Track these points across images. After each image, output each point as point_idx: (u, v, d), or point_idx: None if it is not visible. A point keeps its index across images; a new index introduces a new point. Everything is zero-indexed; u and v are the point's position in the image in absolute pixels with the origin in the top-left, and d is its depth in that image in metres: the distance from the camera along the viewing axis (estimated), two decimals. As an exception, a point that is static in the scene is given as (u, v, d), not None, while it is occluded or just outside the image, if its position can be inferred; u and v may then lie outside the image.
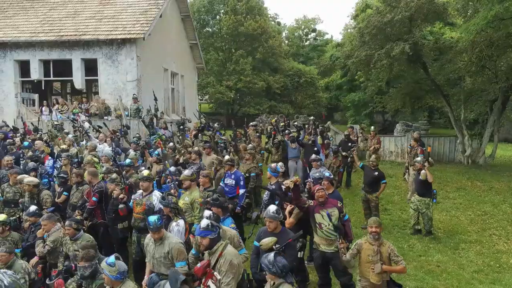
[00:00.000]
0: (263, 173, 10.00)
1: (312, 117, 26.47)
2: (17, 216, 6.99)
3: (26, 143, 9.49)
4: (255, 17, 35.28)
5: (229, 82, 33.89)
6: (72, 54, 16.56)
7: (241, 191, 7.33)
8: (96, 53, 16.49)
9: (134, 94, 15.59)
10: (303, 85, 36.95)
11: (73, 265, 4.94)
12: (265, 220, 4.79)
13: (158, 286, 3.40)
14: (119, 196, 6.08)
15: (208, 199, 5.35)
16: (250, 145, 9.95)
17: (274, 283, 3.71)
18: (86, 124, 12.01)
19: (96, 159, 8.15)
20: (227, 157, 7.81)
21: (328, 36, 55.26)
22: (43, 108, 15.95)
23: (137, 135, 11.46)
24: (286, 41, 46.82)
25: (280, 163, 7.86)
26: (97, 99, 16.04)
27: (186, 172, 5.93)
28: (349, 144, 11.92)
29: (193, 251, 4.71)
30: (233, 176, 7.43)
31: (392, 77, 15.96)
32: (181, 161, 8.78)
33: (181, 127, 12.18)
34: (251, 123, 14.71)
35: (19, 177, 7.01)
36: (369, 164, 8.94)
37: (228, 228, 4.70)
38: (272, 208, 4.75)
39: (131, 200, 5.96)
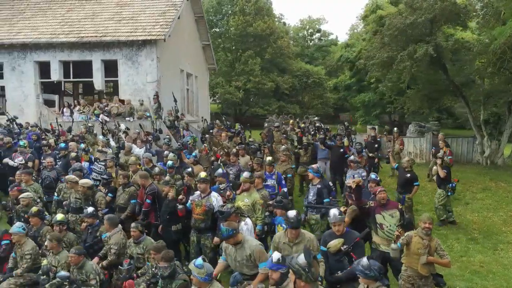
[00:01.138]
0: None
1: (316, 117, 26.58)
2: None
3: (62, 145, 9.57)
4: (264, 18, 35.40)
5: (238, 83, 34.00)
6: (92, 55, 16.64)
7: (283, 190, 7.44)
8: (116, 54, 16.57)
9: (154, 95, 15.68)
10: (311, 86, 37.08)
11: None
12: (332, 225, 4.83)
13: (291, 258, 3.46)
14: (179, 197, 6.18)
15: (270, 202, 5.45)
16: (283, 146, 10.06)
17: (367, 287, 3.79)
18: (123, 126, 12.09)
19: (139, 161, 8.25)
20: (269, 158, 7.90)
21: (333, 36, 55.44)
22: (64, 109, 16.01)
23: (167, 136, 11.54)
24: (291, 42, 46.89)
25: (316, 164, 7.97)
26: (117, 100, 16.07)
27: (245, 174, 6.03)
28: (375, 145, 12.04)
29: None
30: (274, 177, 7.54)
31: (409, 79, 16.03)
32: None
33: (211, 130, 12.26)
34: (274, 125, 14.78)
35: (67, 177, 7.11)
36: (402, 166, 9.05)
37: (306, 231, 4.79)
38: (335, 211, 4.82)
39: (189, 201, 6.05)
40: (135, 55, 16.51)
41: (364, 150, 11.40)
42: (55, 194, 7.24)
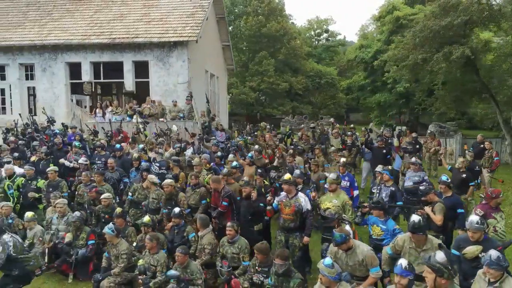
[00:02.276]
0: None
1: (332, 118, 26.62)
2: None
3: (118, 145, 9.67)
4: (277, 18, 35.55)
5: (252, 83, 34.12)
6: (123, 57, 16.75)
7: (355, 192, 7.56)
8: (147, 55, 16.68)
9: (187, 96, 15.78)
10: (323, 86, 37.22)
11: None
12: (468, 231, 4.69)
13: (428, 257, 3.58)
14: (267, 198, 6.29)
15: (365, 203, 5.57)
16: (333, 147, 10.17)
17: (497, 280, 3.88)
18: (175, 127, 12.18)
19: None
20: (342, 159, 8.02)
21: (340, 37, 55.57)
22: (97, 110, 16.10)
23: (213, 137, 11.65)
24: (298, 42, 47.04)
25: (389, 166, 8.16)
26: (149, 101, 16.16)
27: (332, 175, 6.14)
28: (417, 146, 12.15)
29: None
30: (347, 178, 7.65)
31: (437, 79, 16.19)
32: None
33: (255, 133, 12.37)
34: (311, 125, 14.88)
35: (148, 177, 7.23)
36: (457, 167, 9.17)
37: (432, 237, 4.80)
38: (475, 218, 4.69)
39: (276, 202, 6.16)
40: (166, 56, 16.62)
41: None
42: (129, 194, 7.34)
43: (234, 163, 8.18)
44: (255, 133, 12.44)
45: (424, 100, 21.72)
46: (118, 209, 6.54)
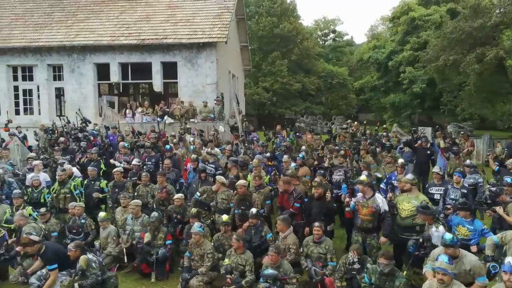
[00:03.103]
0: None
1: (349, 120, 26.76)
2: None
3: (168, 146, 9.75)
4: (289, 19, 35.63)
5: (265, 84, 34.20)
6: (152, 58, 16.83)
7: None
8: (176, 56, 16.76)
9: (217, 96, 15.88)
10: (335, 87, 37.34)
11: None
12: None
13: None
14: (345, 200, 6.39)
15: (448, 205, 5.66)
16: (378, 149, 10.26)
17: None
18: (221, 128, 12.26)
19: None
20: (400, 160, 8.11)
21: (347, 37, 55.63)
22: (127, 111, 16.17)
23: (255, 137, 11.74)
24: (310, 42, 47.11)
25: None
26: (179, 102, 16.23)
27: (409, 176, 6.25)
28: (454, 147, 12.24)
29: None
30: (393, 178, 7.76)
31: (468, 80, 16.29)
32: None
33: (298, 133, 12.47)
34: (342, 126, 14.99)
35: (217, 177, 7.33)
36: (507, 167, 9.25)
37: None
38: None
39: (353, 203, 6.25)
40: (195, 57, 16.70)
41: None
42: (197, 194, 7.41)
43: (293, 164, 8.26)
44: (298, 133, 12.48)
45: (450, 101, 21.82)
46: (194, 210, 6.62)
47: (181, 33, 16.82)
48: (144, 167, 9.62)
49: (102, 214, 6.79)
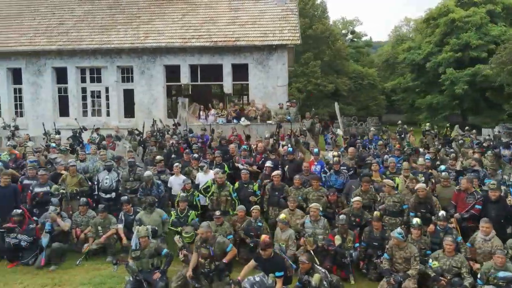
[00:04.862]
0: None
1: (400, 121, 26.83)
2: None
3: (290, 149, 9.86)
4: (320, 20, 35.76)
5: (298, 84, 34.30)
6: (223, 59, 16.91)
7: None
8: (247, 58, 16.84)
9: (293, 99, 15.98)
10: (365, 87, 37.50)
11: None
12: None
13: None
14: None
15: None
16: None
17: None
18: (340, 131, 12.35)
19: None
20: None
21: (366, 37, 55.78)
22: (201, 113, 16.24)
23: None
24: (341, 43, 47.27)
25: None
26: (254, 103, 16.30)
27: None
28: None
29: None
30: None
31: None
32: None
33: (403, 135, 12.59)
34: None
35: (387, 182, 7.45)
36: None
37: None
38: None
39: None
40: (266, 59, 16.80)
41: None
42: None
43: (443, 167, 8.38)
44: (404, 135, 12.60)
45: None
46: (377, 213, 6.74)
47: (251, 35, 16.91)
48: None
49: (281, 216, 6.88)
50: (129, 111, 18.12)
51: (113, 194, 8.75)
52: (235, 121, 15.42)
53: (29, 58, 17.45)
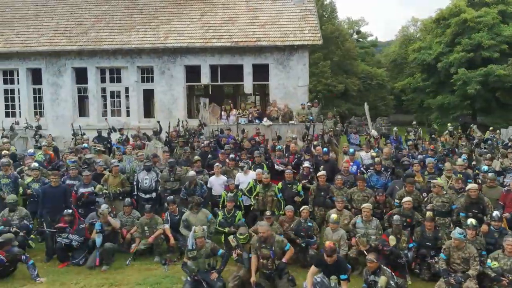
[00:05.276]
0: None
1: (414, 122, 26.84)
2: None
3: (325, 149, 9.89)
4: (330, 20, 35.79)
5: (309, 85, 34.26)
6: (243, 60, 16.92)
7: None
8: (267, 58, 16.86)
9: (315, 100, 16.01)
10: (374, 88, 37.54)
11: None
12: None
13: None
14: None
15: None
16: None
17: None
18: (374, 132, 12.34)
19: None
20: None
21: (372, 38, 55.86)
22: (223, 113, 16.25)
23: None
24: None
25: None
26: (275, 104, 16.30)
27: None
28: None
29: None
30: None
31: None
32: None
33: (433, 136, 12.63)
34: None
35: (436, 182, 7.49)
36: None
37: None
38: None
39: None
40: (286, 60, 16.81)
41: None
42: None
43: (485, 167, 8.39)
44: (434, 135, 12.63)
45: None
46: (429, 213, 6.75)
47: (272, 36, 16.90)
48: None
49: (334, 216, 6.89)
50: (148, 111, 18.15)
51: (154, 194, 8.77)
52: (257, 121, 15.44)
53: (49, 59, 17.45)
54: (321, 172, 8.18)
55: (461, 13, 28.94)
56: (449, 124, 17.19)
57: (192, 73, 17.53)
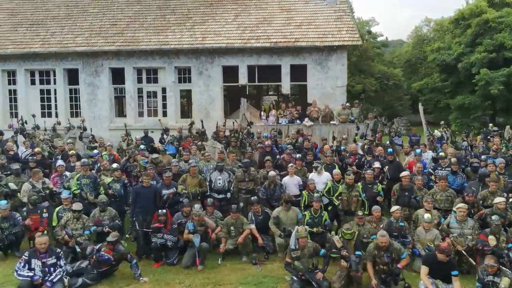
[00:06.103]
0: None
1: (442, 122, 26.84)
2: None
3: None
4: (347, 21, 35.84)
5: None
6: (281, 60, 16.96)
7: None
8: (306, 59, 16.89)
9: (356, 100, 16.06)
10: (391, 88, 37.63)
11: None
12: None
13: None
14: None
15: None
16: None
17: None
18: (437, 132, 12.38)
19: None
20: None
21: (382, 38, 55.88)
22: (262, 113, 16.30)
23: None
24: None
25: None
26: (315, 104, 16.32)
27: None
28: None
29: None
30: None
31: None
32: None
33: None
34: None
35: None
36: None
37: None
38: None
39: None
40: (325, 60, 16.85)
41: None
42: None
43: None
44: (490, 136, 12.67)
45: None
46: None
47: (310, 36, 16.93)
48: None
49: (428, 216, 6.94)
50: (184, 111, 18.17)
51: (228, 195, 8.82)
52: (298, 121, 15.50)
53: (86, 59, 17.48)
54: (405, 173, 8.23)
55: (483, 14, 29.01)
56: (490, 124, 17.20)
57: (228, 73, 17.57)
